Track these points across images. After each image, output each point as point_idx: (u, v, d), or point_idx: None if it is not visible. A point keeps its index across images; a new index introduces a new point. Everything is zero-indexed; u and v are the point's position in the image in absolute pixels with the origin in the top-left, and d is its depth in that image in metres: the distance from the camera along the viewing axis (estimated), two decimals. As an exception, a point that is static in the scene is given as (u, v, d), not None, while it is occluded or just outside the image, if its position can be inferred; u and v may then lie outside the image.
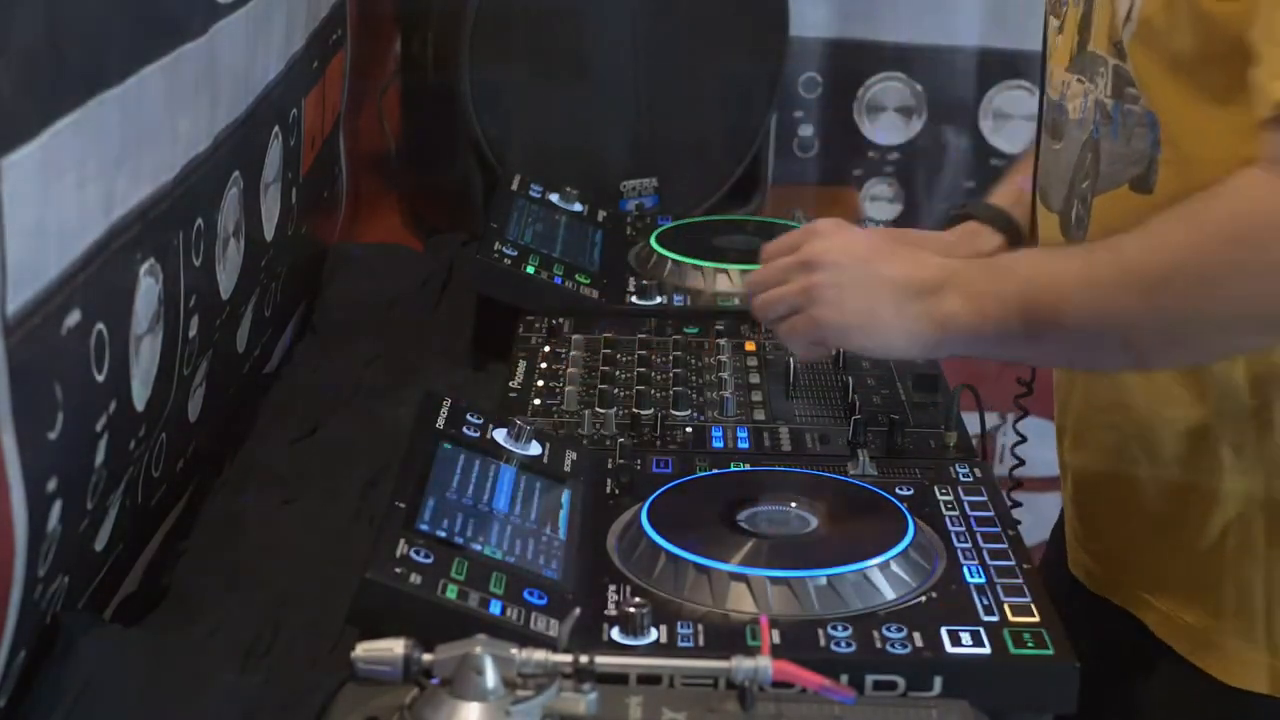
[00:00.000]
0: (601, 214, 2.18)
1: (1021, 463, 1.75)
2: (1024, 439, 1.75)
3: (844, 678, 1.14)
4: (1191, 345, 1.26)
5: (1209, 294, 1.20)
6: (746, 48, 2.44)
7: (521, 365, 1.71)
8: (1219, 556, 1.38)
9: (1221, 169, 1.21)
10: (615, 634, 1.20)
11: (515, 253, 1.93)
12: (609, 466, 1.47)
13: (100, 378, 1.24)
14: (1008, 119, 2.84)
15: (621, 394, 1.64)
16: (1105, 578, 1.51)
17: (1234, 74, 1.21)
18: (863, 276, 1.33)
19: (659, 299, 1.90)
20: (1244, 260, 1.18)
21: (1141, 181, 1.32)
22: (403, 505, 1.26)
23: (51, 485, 1.15)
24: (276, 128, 1.83)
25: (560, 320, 1.82)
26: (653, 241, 2.02)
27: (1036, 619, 1.22)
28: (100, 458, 1.26)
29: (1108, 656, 1.40)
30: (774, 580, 1.24)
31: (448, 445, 1.37)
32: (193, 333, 1.51)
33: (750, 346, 1.77)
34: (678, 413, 1.60)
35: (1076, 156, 1.40)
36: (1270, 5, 1.18)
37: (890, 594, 1.25)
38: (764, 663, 1.03)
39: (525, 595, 1.21)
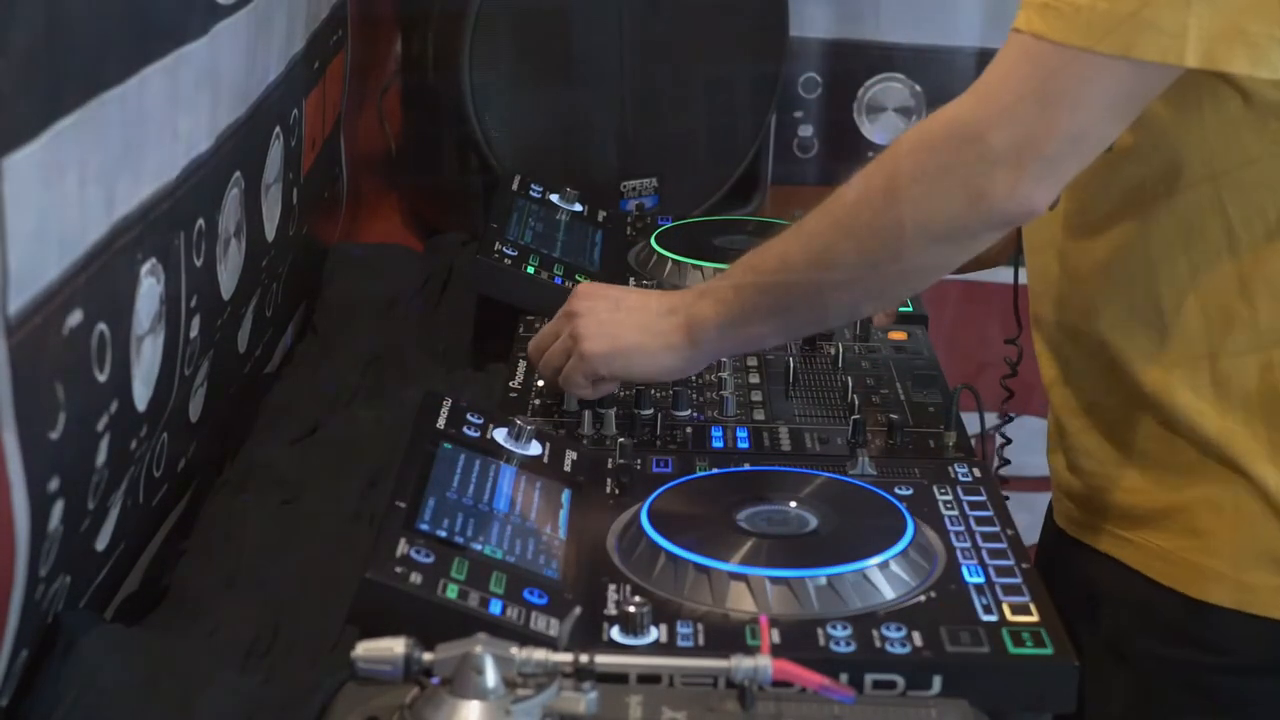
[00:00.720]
0: (601, 214, 2.18)
1: (1007, 462, 1.77)
2: (1009, 441, 1.76)
3: (844, 677, 1.14)
4: (888, 265, 1.36)
5: (894, 204, 1.31)
6: (746, 48, 2.44)
7: (521, 365, 1.71)
8: (1190, 482, 1.44)
9: (1173, 127, 1.33)
10: (615, 634, 1.20)
11: (515, 253, 1.93)
12: (609, 466, 1.47)
13: (102, 378, 1.24)
14: (1007, 119, 2.84)
15: (621, 394, 1.64)
16: (1083, 520, 1.56)
17: None
18: (616, 311, 1.51)
19: (659, 299, 1.89)
20: (921, 165, 1.30)
21: None
22: (403, 505, 1.26)
23: (53, 485, 1.15)
24: (277, 128, 1.83)
25: (560, 320, 1.82)
26: (653, 241, 2.02)
27: (1035, 618, 1.22)
28: (101, 458, 1.26)
29: (1087, 598, 1.52)
30: (774, 580, 1.24)
31: (448, 445, 1.38)
32: (194, 333, 1.51)
33: (750, 346, 1.77)
34: (678, 413, 1.60)
35: None
36: None
37: (890, 593, 1.25)
38: (764, 662, 1.03)
39: (525, 595, 1.21)
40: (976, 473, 1.47)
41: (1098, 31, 1.23)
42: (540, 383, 1.65)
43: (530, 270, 1.91)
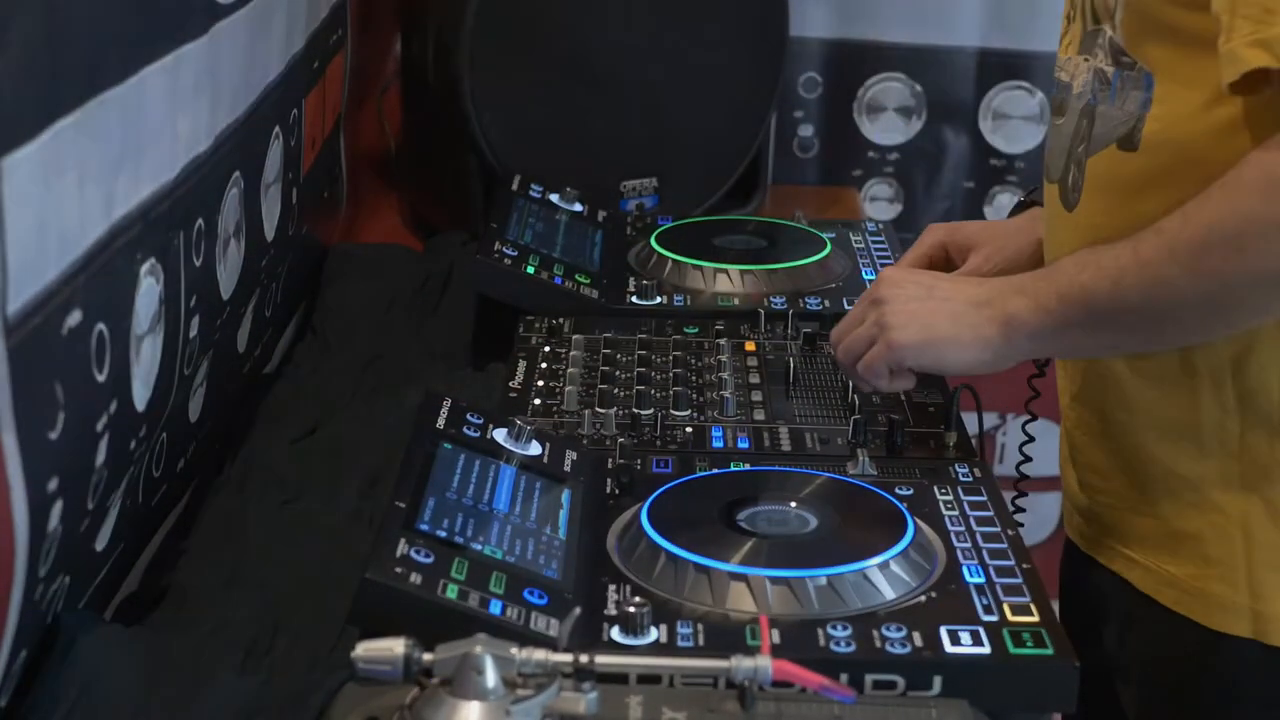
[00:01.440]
0: (601, 214, 2.18)
1: (1028, 459, 1.77)
2: (1031, 439, 1.75)
3: (844, 677, 1.14)
4: (1233, 311, 1.31)
5: (1243, 253, 1.25)
6: (746, 47, 2.44)
7: (521, 365, 1.71)
8: (1200, 509, 1.42)
9: (1203, 120, 1.31)
10: (615, 634, 1.20)
11: (515, 253, 1.93)
12: (609, 466, 1.47)
13: (101, 378, 1.24)
14: (1007, 119, 2.85)
15: (621, 394, 1.64)
16: (1094, 537, 1.54)
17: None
18: (928, 300, 1.44)
19: (659, 299, 1.90)
20: (1275, 216, 1.23)
21: (1127, 140, 1.39)
22: (403, 505, 1.26)
23: (52, 485, 1.15)
24: (277, 128, 1.83)
25: (560, 320, 1.83)
26: (653, 241, 2.02)
27: (1036, 619, 1.22)
28: (101, 458, 1.26)
29: (1098, 614, 1.51)
30: (774, 580, 1.24)
31: (448, 445, 1.38)
32: (193, 333, 1.51)
33: (750, 346, 1.77)
34: (678, 413, 1.60)
35: (1074, 124, 1.45)
36: None
37: (890, 594, 1.25)
38: (764, 662, 1.03)
39: (525, 595, 1.21)
40: (976, 473, 1.47)
41: None
42: (540, 382, 1.65)
43: (530, 270, 1.91)
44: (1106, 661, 1.52)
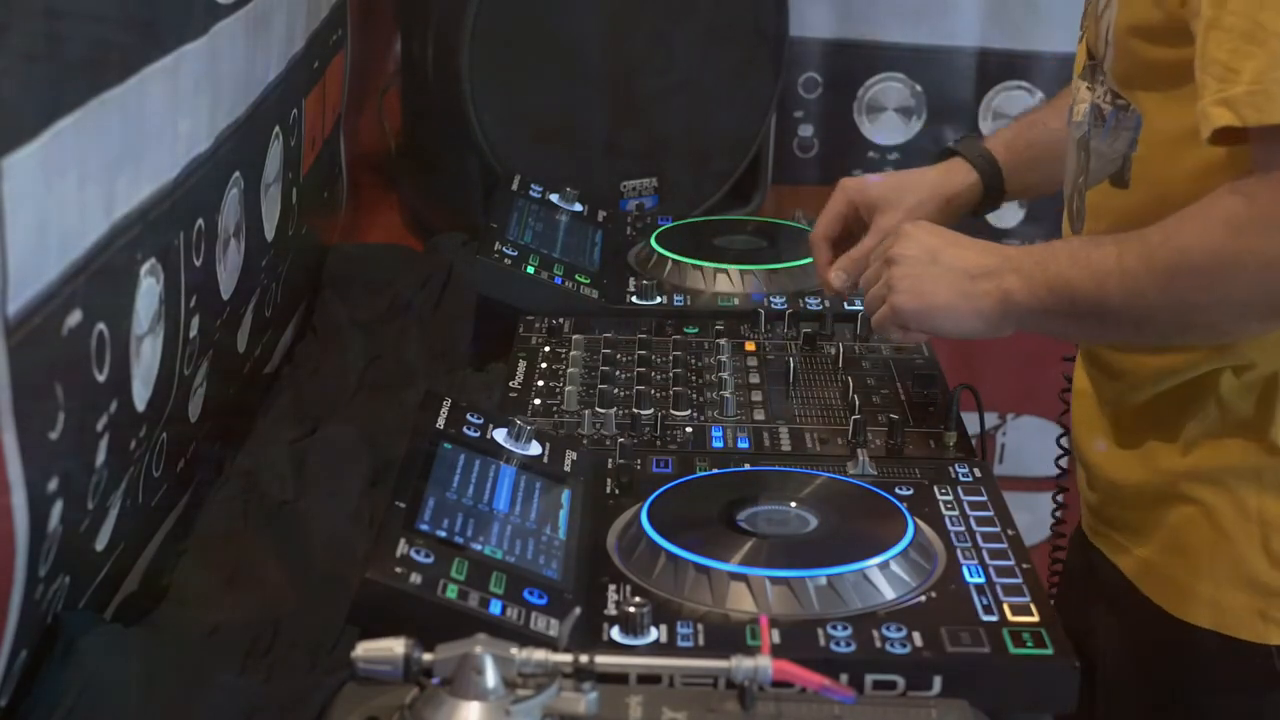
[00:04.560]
0: (601, 214, 2.18)
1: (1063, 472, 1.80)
2: (1067, 451, 1.77)
3: (844, 677, 1.14)
4: (1201, 330, 1.38)
5: (1211, 286, 1.30)
6: (746, 48, 2.44)
7: (521, 365, 1.71)
8: (1179, 501, 1.46)
9: (1187, 161, 1.36)
10: (615, 634, 1.20)
11: (515, 253, 1.93)
12: (609, 466, 1.47)
13: (101, 378, 1.24)
14: (1007, 119, 2.84)
15: (621, 394, 1.64)
16: (1095, 527, 1.58)
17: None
18: (932, 266, 1.48)
19: (659, 299, 1.90)
20: (1240, 256, 1.28)
21: (1118, 178, 1.44)
22: (403, 505, 1.26)
23: (52, 485, 1.15)
24: (277, 128, 1.83)
25: (560, 320, 1.83)
26: (653, 241, 2.02)
27: (1036, 619, 1.22)
28: (101, 458, 1.26)
29: (1089, 599, 1.57)
30: (774, 580, 1.24)
31: (448, 445, 1.38)
32: (193, 333, 1.51)
33: (750, 346, 1.77)
34: (678, 413, 1.60)
35: (1075, 155, 1.50)
36: (1203, 37, 1.27)
37: (890, 594, 1.25)
38: (764, 662, 1.03)
39: (525, 595, 1.21)
40: (977, 473, 1.47)
41: None
42: (540, 382, 1.65)
43: (530, 270, 1.91)
44: (1088, 643, 1.53)
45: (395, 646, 1.02)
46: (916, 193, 1.75)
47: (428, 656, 1.02)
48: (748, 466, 1.49)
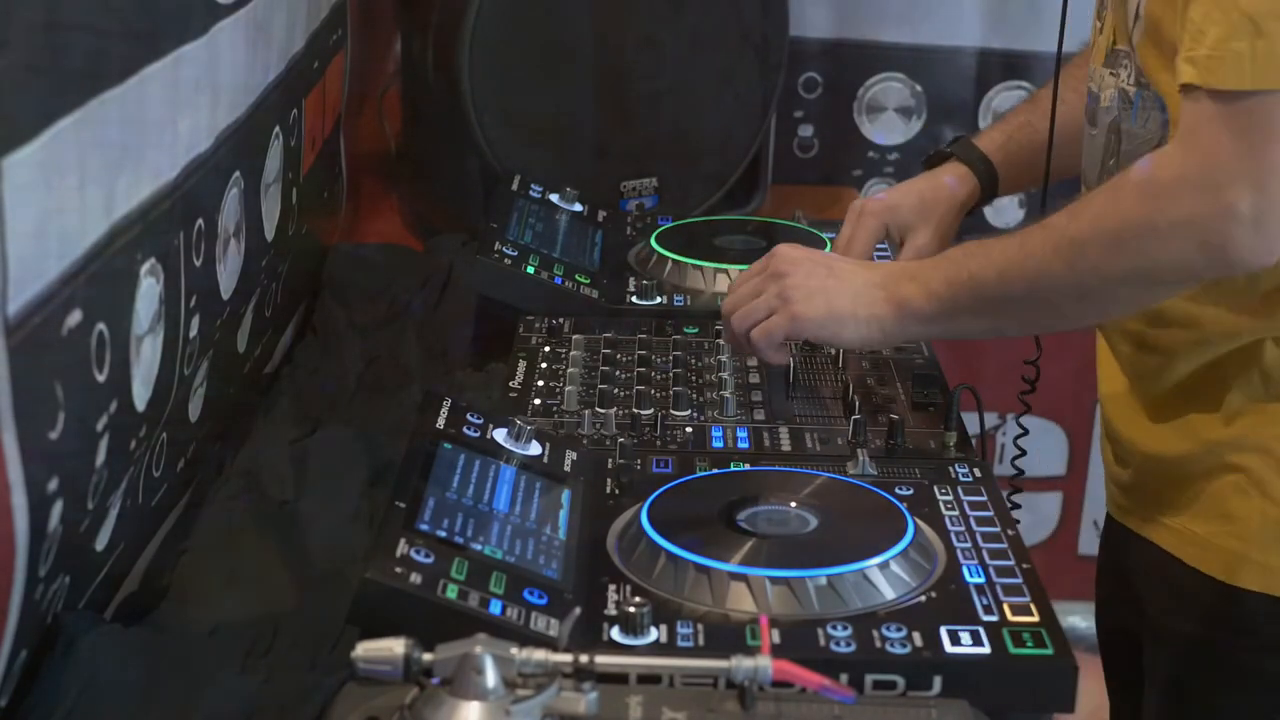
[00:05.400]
0: (601, 214, 2.18)
1: (1023, 453, 1.81)
2: (1026, 432, 1.78)
3: (844, 677, 1.14)
4: (1107, 303, 1.43)
5: (1120, 250, 1.34)
6: (746, 48, 2.44)
7: (521, 365, 1.71)
8: (1225, 470, 1.49)
9: None
10: (615, 634, 1.20)
11: (515, 253, 1.93)
12: (609, 466, 1.47)
13: (101, 378, 1.24)
14: (1007, 119, 2.84)
15: (621, 394, 1.64)
16: (1128, 508, 1.61)
17: None
18: (827, 277, 1.53)
19: (659, 299, 1.90)
20: (1151, 218, 1.32)
21: None
22: (403, 505, 1.26)
23: (52, 485, 1.15)
24: (277, 128, 1.83)
25: (560, 320, 1.83)
26: (653, 241, 2.02)
27: (1036, 619, 1.22)
28: (101, 458, 1.26)
29: (1130, 580, 1.61)
30: (774, 580, 1.24)
31: (448, 445, 1.38)
32: (193, 333, 1.51)
33: (750, 346, 1.77)
34: (678, 413, 1.60)
35: (1104, 139, 1.52)
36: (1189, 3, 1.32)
37: (890, 594, 1.25)
38: (764, 662, 1.03)
39: (525, 595, 1.21)
40: (977, 473, 1.47)
41: (1268, 71, 1.27)
42: (540, 382, 1.65)
43: (530, 270, 1.91)
44: (1136, 624, 1.61)
45: (395, 646, 1.02)
46: (940, 206, 1.78)
47: (428, 656, 1.02)
48: (748, 466, 1.49)
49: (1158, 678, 1.59)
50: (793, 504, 1.37)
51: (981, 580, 1.28)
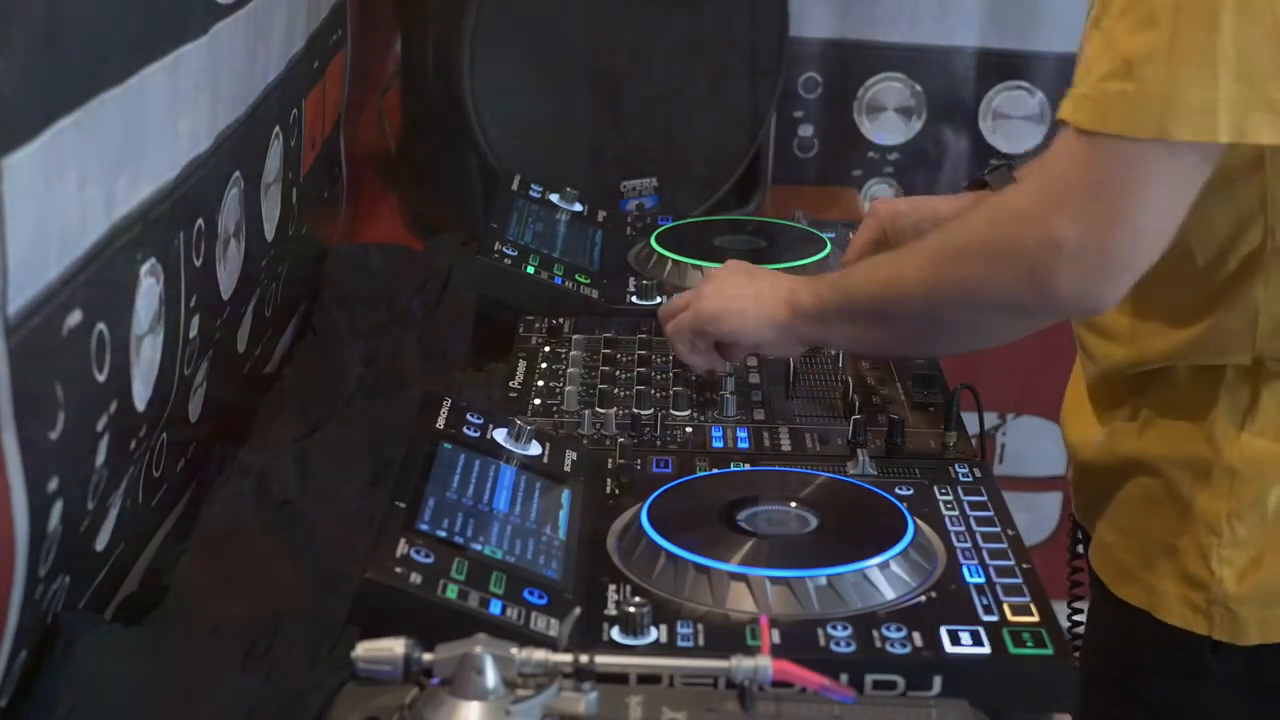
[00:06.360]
0: (601, 214, 2.18)
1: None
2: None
3: (844, 677, 1.14)
4: (947, 323, 1.41)
5: (957, 266, 1.35)
6: (747, 48, 2.44)
7: (521, 365, 1.71)
8: (1127, 481, 1.49)
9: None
10: (615, 634, 1.20)
11: (515, 253, 1.93)
12: (609, 466, 1.47)
13: (101, 378, 1.24)
14: (1007, 119, 2.85)
15: (621, 394, 1.64)
16: (1077, 502, 1.63)
17: None
18: (740, 280, 1.59)
19: (659, 299, 1.90)
20: (988, 240, 1.31)
21: None
22: (403, 505, 1.26)
23: (52, 485, 1.15)
24: (277, 128, 1.83)
25: (560, 320, 1.83)
26: (653, 241, 2.02)
27: (1035, 619, 1.22)
28: (101, 458, 1.26)
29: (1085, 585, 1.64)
30: (774, 580, 1.24)
31: (448, 445, 1.37)
32: (193, 333, 1.51)
33: (750, 346, 1.77)
34: (678, 413, 1.60)
35: None
36: (1087, 33, 1.30)
37: (890, 594, 1.25)
38: (764, 662, 1.03)
39: (525, 595, 1.21)
40: (977, 473, 1.47)
41: (1131, 117, 1.23)
42: (540, 382, 1.65)
43: (530, 270, 1.91)
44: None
45: (395, 646, 1.02)
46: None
47: (428, 656, 1.02)
48: (748, 466, 1.49)
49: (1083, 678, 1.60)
50: (793, 504, 1.37)
51: (981, 580, 1.28)
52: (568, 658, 1.03)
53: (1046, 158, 1.29)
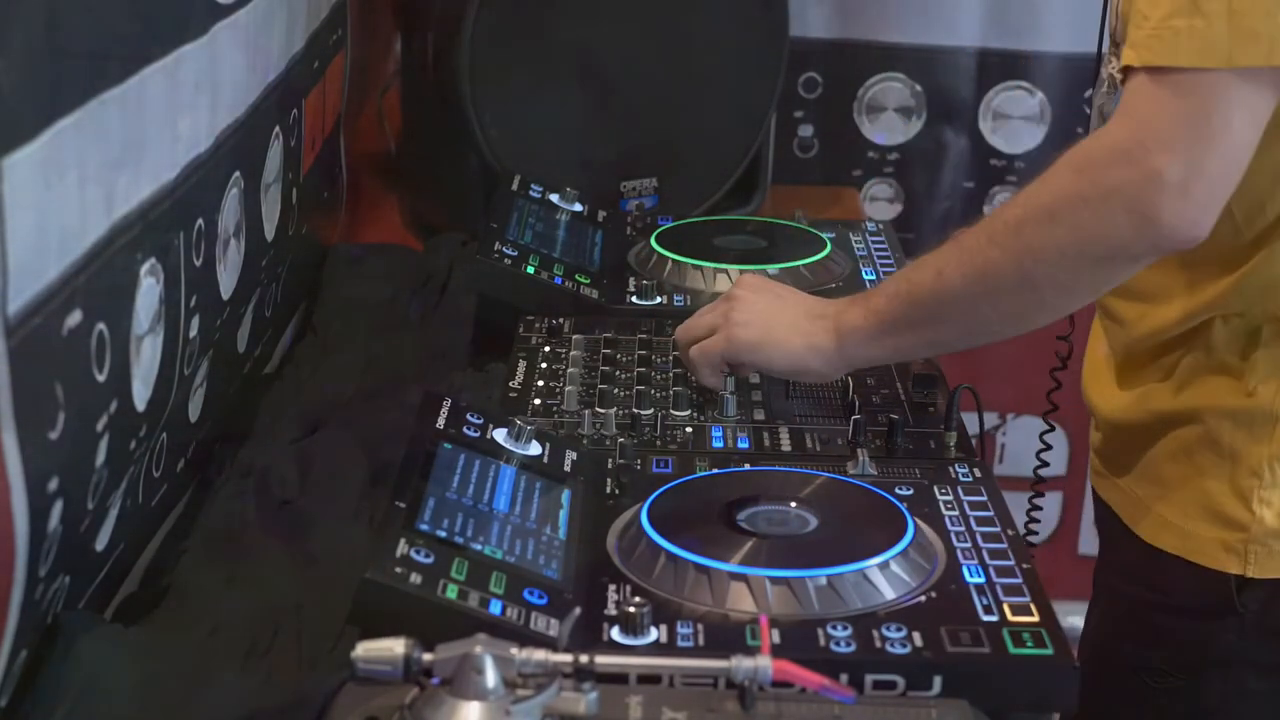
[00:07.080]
0: (601, 214, 2.18)
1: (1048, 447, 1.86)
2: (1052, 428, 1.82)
3: (844, 677, 1.14)
4: (1045, 289, 1.39)
5: (1053, 226, 1.34)
6: (746, 47, 2.44)
7: (521, 365, 1.71)
8: (1162, 434, 1.54)
9: None
10: (615, 634, 1.20)
11: (515, 253, 1.93)
12: (609, 466, 1.47)
13: (101, 378, 1.24)
14: (1007, 119, 2.85)
15: (621, 394, 1.64)
16: (1097, 467, 1.66)
17: None
18: (772, 304, 1.57)
19: (659, 299, 1.90)
20: (1083, 190, 1.32)
21: None
22: (403, 505, 1.26)
23: (52, 485, 1.15)
24: (277, 128, 1.83)
25: (560, 320, 1.83)
26: (653, 241, 2.02)
27: (1035, 619, 1.22)
28: (101, 458, 1.26)
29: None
30: (774, 580, 1.24)
31: (448, 445, 1.38)
32: (193, 333, 1.51)
33: (750, 346, 1.76)
34: (678, 413, 1.60)
35: (1098, 125, 1.54)
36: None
37: (890, 594, 1.25)
38: (764, 662, 1.03)
39: (525, 595, 1.21)
40: (977, 473, 1.47)
41: (1202, 50, 1.28)
42: (540, 382, 1.65)
43: (530, 270, 1.91)
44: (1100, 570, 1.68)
45: (395, 646, 1.02)
46: None
47: (428, 656, 1.02)
48: (748, 466, 1.49)
49: (1089, 633, 1.65)
50: (793, 504, 1.37)
51: (981, 580, 1.28)
52: (568, 658, 1.03)
53: (1123, 104, 1.32)
